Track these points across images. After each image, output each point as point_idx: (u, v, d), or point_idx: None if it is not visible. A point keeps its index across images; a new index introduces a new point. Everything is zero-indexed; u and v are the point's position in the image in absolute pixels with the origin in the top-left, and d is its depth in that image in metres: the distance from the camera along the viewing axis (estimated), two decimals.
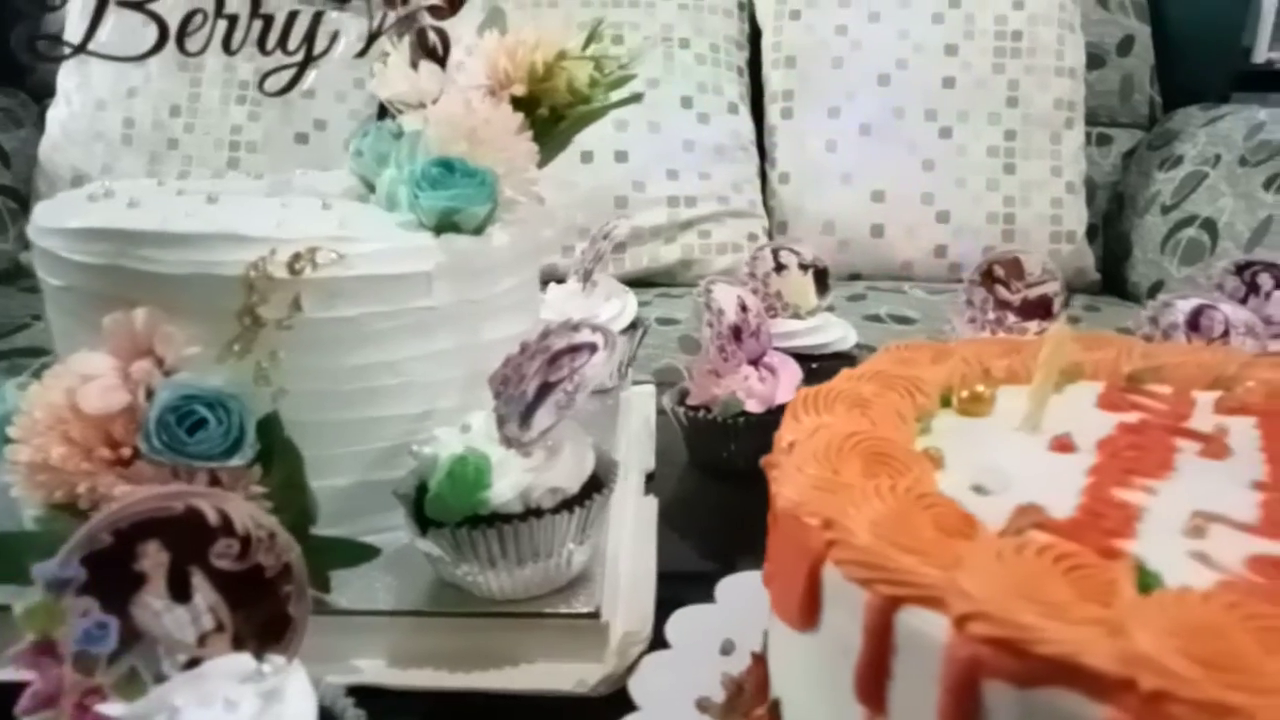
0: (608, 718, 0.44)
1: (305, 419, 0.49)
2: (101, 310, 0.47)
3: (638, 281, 1.49)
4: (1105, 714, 0.23)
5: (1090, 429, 0.38)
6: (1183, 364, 0.45)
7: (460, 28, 0.59)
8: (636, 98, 0.61)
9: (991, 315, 0.82)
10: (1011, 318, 0.82)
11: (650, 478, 0.71)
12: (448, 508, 0.45)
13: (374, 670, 0.47)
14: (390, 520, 0.50)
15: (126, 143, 1.49)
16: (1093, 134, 1.75)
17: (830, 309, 0.86)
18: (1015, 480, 0.34)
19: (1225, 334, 0.70)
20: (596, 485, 0.49)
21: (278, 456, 0.48)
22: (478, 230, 0.53)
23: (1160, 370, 0.45)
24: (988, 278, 0.82)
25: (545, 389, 0.47)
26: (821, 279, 0.85)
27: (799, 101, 1.65)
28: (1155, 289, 1.52)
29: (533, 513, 0.46)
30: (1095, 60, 1.74)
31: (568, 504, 0.47)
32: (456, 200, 0.51)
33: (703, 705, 0.44)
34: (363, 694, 0.46)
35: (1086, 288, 1.61)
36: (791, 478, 0.33)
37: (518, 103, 0.59)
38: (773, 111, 1.67)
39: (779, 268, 0.84)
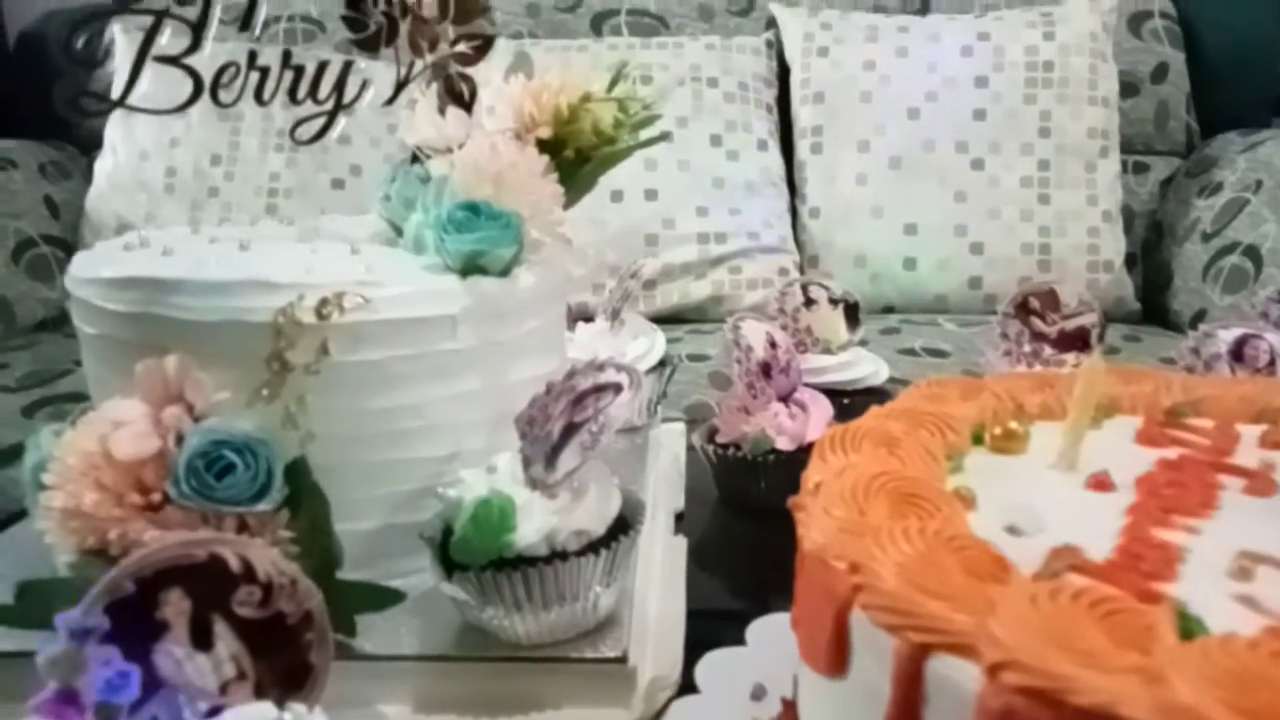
0: None
1: (332, 462, 0.50)
2: (134, 358, 0.47)
3: (668, 318, 1.49)
4: None
5: (1128, 466, 0.37)
6: (1224, 396, 0.44)
7: (487, 72, 0.60)
8: (664, 136, 0.61)
9: (1028, 348, 0.80)
10: (1048, 350, 0.80)
11: (680, 517, 0.71)
12: (472, 550, 0.45)
13: (399, 716, 0.47)
14: (416, 563, 0.50)
15: (169, 191, 1.54)
16: (1129, 162, 1.73)
17: (862, 343, 0.85)
18: (1050, 521, 0.33)
19: (1271, 364, 0.68)
20: (623, 526, 0.49)
21: (305, 500, 0.48)
22: (503, 272, 0.53)
23: (1201, 404, 0.44)
24: (1023, 310, 0.81)
25: (570, 430, 0.47)
26: (852, 313, 0.84)
27: (828, 136, 1.66)
28: (1198, 318, 1.49)
29: (558, 555, 0.45)
30: (1129, 88, 1.72)
31: (594, 546, 0.46)
32: (482, 243, 0.51)
33: None
34: None
35: (1126, 317, 1.58)
36: (818, 520, 0.33)
37: (544, 145, 0.60)
38: (802, 147, 1.68)
39: (809, 302, 0.83)
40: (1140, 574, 0.29)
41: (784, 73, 1.73)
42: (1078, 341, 0.80)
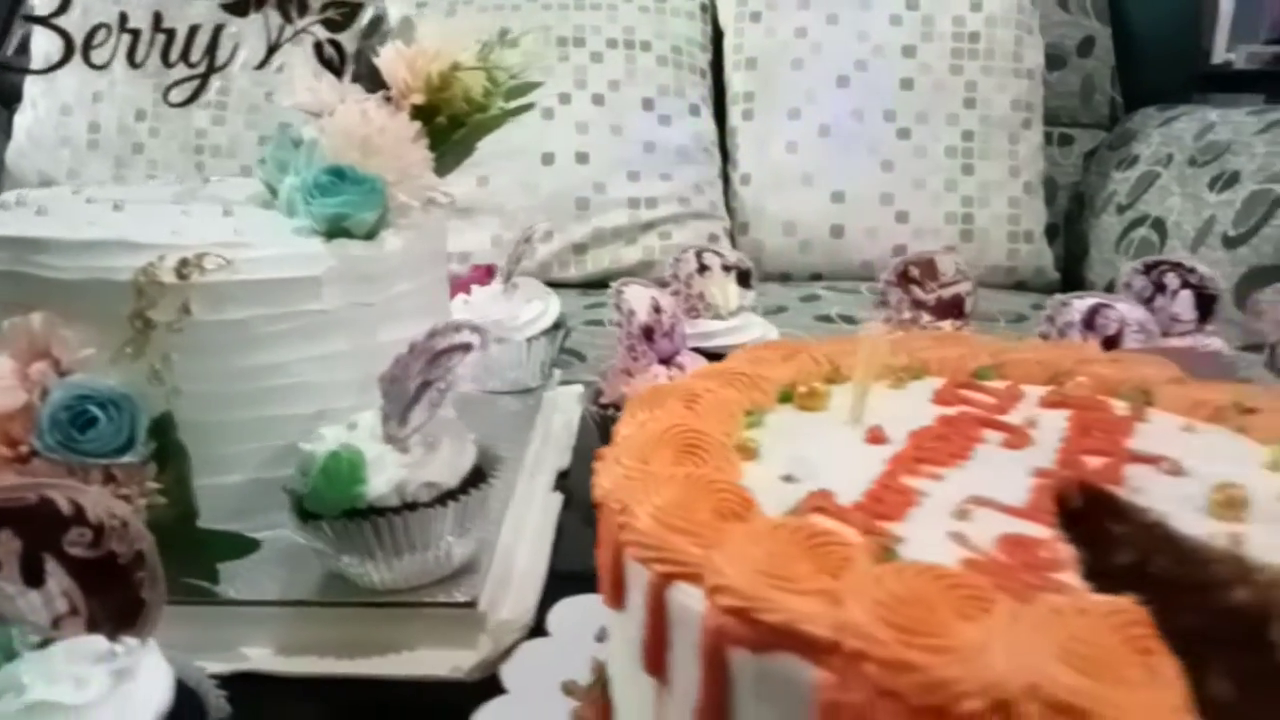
0: (481, 703, 0.46)
1: (200, 419, 0.52)
2: (3, 315, 0.49)
3: (598, 282, 1.51)
4: (818, 676, 0.25)
5: (909, 421, 0.40)
6: (1024, 361, 0.47)
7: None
8: (530, 106, 0.63)
9: (907, 315, 0.84)
10: (926, 317, 0.84)
11: (565, 475, 0.74)
12: (324, 501, 0.47)
13: (261, 659, 0.49)
14: (286, 517, 0.52)
15: (93, 148, 1.52)
16: (1054, 134, 1.77)
17: (752, 309, 0.88)
18: (823, 470, 0.36)
19: (1119, 332, 0.72)
20: (479, 480, 0.52)
21: (170, 455, 0.50)
22: (369, 235, 0.55)
23: (1003, 367, 0.47)
24: (903, 278, 0.84)
25: (424, 387, 0.50)
26: (744, 280, 0.87)
27: (760, 103, 1.67)
28: (1110, 288, 1.54)
29: (408, 506, 0.48)
30: (1056, 61, 1.76)
31: (445, 497, 0.49)
32: (345, 206, 0.53)
33: (569, 689, 0.46)
34: (251, 681, 0.48)
35: (1045, 287, 1.63)
36: (608, 469, 0.36)
37: (420, 111, 0.61)
38: (734, 113, 1.69)
39: (702, 269, 0.86)
40: (873, 514, 0.32)
41: (718, 37, 1.74)
42: (954, 309, 0.84)
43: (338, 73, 0.58)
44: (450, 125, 0.61)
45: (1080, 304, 0.72)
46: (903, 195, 1.61)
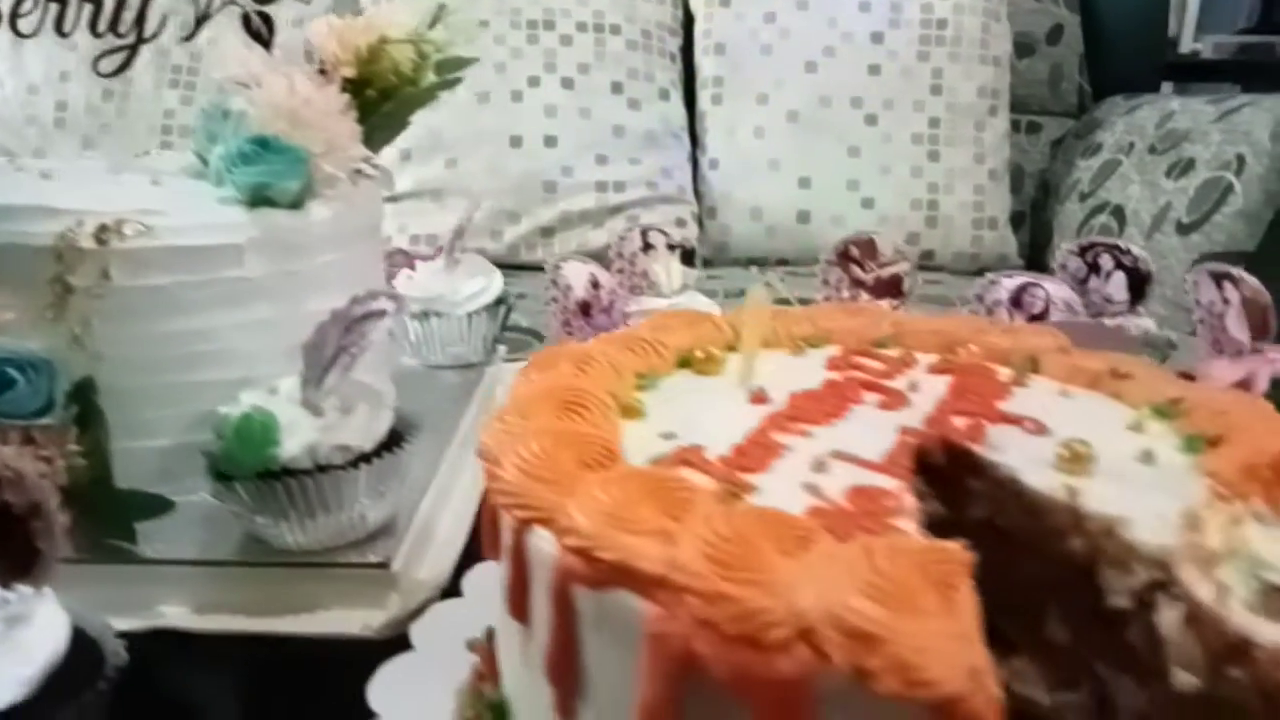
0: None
1: (123, 383, 0.53)
2: None
3: None
4: (649, 609, 0.26)
5: (795, 384, 0.42)
6: (922, 331, 0.49)
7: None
8: (458, 81, 0.64)
9: (846, 294, 0.85)
10: (865, 296, 0.85)
11: None
12: (238, 462, 0.48)
13: (178, 617, 0.50)
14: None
15: (60, 126, 1.52)
16: (1022, 122, 1.78)
17: (695, 288, 0.89)
18: (702, 428, 0.38)
19: (1046, 311, 0.74)
20: (397, 445, 0.53)
21: (90, 418, 0.51)
22: (295, 205, 0.56)
23: (902, 336, 0.49)
24: (844, 258, 0.86)
25: (340, 353, 0.51)
26: (688, 259, 0.88)
27: (729, 88, 1.68)
28: None
29: (321, 468, 0.49)
30: (1025, 49, 1.77)
31: (358, 460, 0.50)
32: (266, 175, 0.54)
33: (472, 645, 0.47)
34: (169, 639, 0.49)
35: None
36: (492, 425, 0.37)
37: (351, 85, 0.62)
38: (704, 98, 1.70)
39: (646, 247, 0.87)
40: (736, 466, 0.34)
41: (689, 22, 1.75)
42: (892, 288, 0.85)
43: (265, 44, 0.59)
44: (380, 98, 0.61)
45: (1008, 282, 0.73)
46: (869, 181, 1.62)
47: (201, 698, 0.48)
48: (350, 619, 0.50)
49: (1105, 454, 0.35)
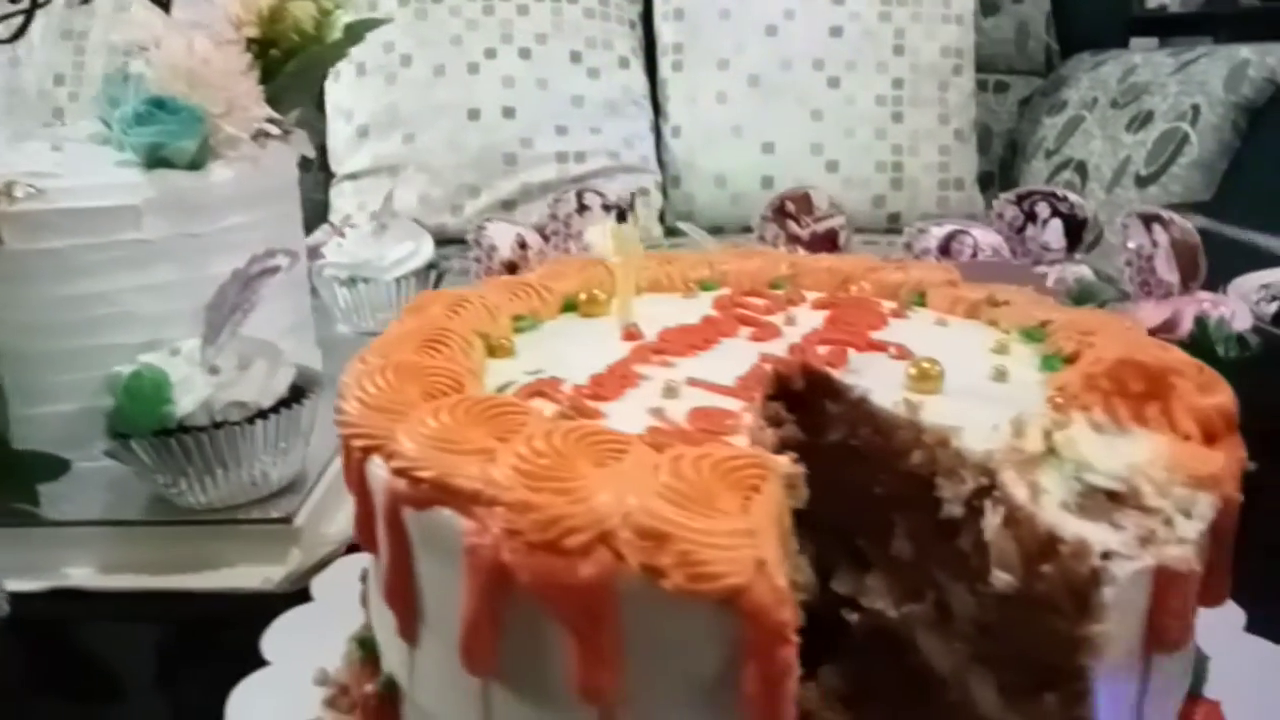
0: None
1: (24, 347, 0.53)
2: None
3: None
4: (468, 525, 0.27)
5: (672, 321, 0.42)
6: (818, 270, 0.49)
7: None
8: (359, 38, 0.63)
9: (783, 250, 0.85)
10: (801, 251, 0.85)
11: None
12: (131, 420, 0.48)
13: (84, 578, 0.51)
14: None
15: (10, 112, 1.50)
16: (990, 81, 1.77)
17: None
18: (569, 364, 0.37)
19: (974, 257, 0.74)
20: (297, 401, 0.53)
21: None
22: (193, 166, 0.56)
23: (798, 277, 0.49)
24: (779, 214, 0.85)
25: (235, 310, 0.51)
26: (623, 219, 0.87)
27: (689, 54, 1.66)
28: None
29: (216, 425, 0.49)
30: (990, 7, 1.75)
31: (255, 417, 0.50)
32: (161, 136, 0.53)
33: (363, 596, 0.47)
34: (74, 598, 0.50)
35: None
36: (353, 364, 0.37)
37: (259, 45, 0.61)
38: (664, 65, 1.68)
39: (582, 209, 0.87)
40: (590, 395, 0.34)
41: None
42: (828, 243, 0.85)
43: (164, 6, 0.58)
44: (285, 58, 0.61)
45: (937, 230, 0.73)
46: (832, 145, 1.61)
47: (106, 655, 0.49)
48: (252, 574, 0.50)
49: (959, 373, 0.35)
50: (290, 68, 0.60)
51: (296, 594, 0.49)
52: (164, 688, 0.47)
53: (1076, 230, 0.84)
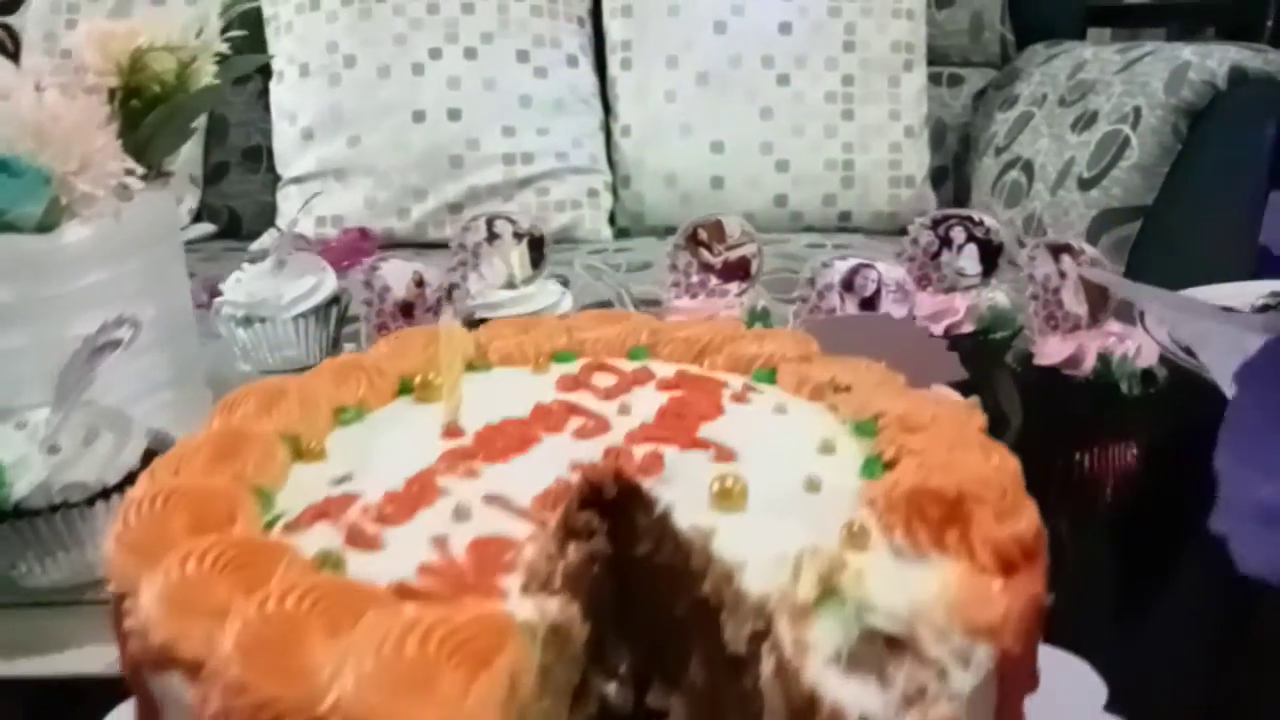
0: None
1: None
2: None
3: None
4: (194, 694, 0.25)
5: (499, 413, 0.40)
6: (676, 339, 0.47)
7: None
8: (216, 89, 0.61)
9: (695, 278, 0.83)
10: (714, 280, 0.83)
11: None
12: None
13: None
14: None
15: None
16: (944, 75, 1.74)
17: (547, 277, 0.86)
18: (376, 470, 0.36)
19: (878, 292, 0.72)
20: None
21: None
22: (46, 228, 0.54)
23: (657, 346, 0.47)
24: (692, 241, 0.84)
25: (80, 382, 0.49)
26: (537, 246, 0.85)
27: (637, 51, 1.64)
28: None
29: (54, 507, 0.48)
30: None
31: (96, 497, 0.49)
32: (2, 201, 0.51)
33: None
34: None
35: None
36: (141, 479, 0.35)
37: (124, 94, 0.59)
38: (613, 62, 1.65)
39: (492, 237, 0.85)
40: (377, 518, 0.32)
41: None
42: (740, 271, 0.83)
43: (12, 56, 0.56)
44: (148, 107, 0.58)
45: (841, 265, 0.72)
46: (782, 143, 1.59)
47: None
48: (94, 657, 0.48)
49: (770, 483, 0.34)
50: (154, 118, 0.58)
51: None
52: None
53: (992, 255, 0.83)
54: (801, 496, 0.34)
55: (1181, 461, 0.68)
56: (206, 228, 1.67)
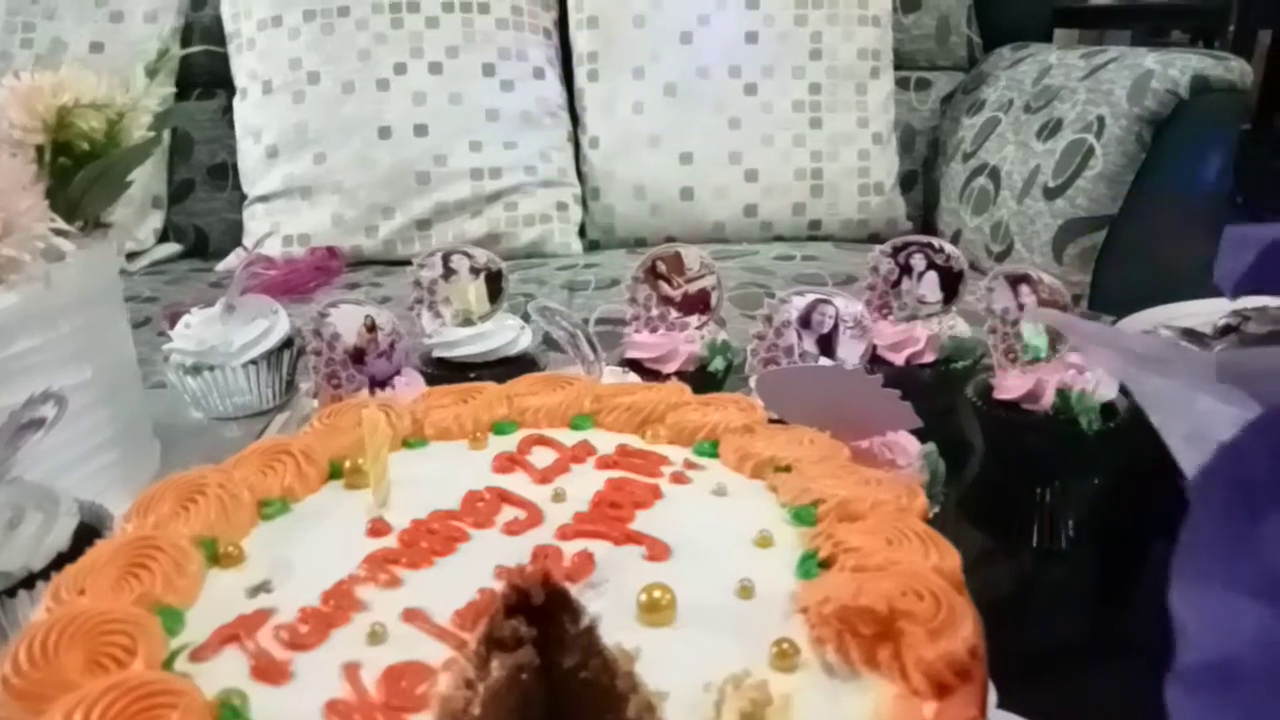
0: None
1: None
2: None
3: None
4: None
5: (430, 504, 0.39)
6: (618, 407, 0.46)
7: None
8: (156, 141, 0.59)
9: (655, 311, 0.82)
10: (674, 313, 0.82)
11: None
12: None
13: None
14: None
15: None
16: (911, 79, 1.73)
17: (507, 311, 0.85)
18: (296, 575, 0.35)
19: (835, 328, 0.71)
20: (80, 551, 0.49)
21: None
22: None
23: (599, 414, 0.46)
24: (651, 274, 0.82)
25: (3, 462, 0.47)
26: (495, 281, 0.84)
27: (604, 63, 1.62)
28: (956, 238, 1.54)
29: None
30: (911, 3, 1.72)
31: (18, 587, 0.47)
32: None
33: None
34: None
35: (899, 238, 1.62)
36: (43, 602, 0.33)
37: (53, 151, 0.57)
38: (580, 74, 1.63)
39: (448, 274, 0.83)
40: (285, 642, 0.31)
41: None
42: (699, 304, 0.82)
43: None
44: (79, 162, 0.56)
45: (799, 301, 0.71)
46: (751, 153, 1.58)
47: None
48: None
49: (701, 588, 0.33)
50: (85, 175, 0.56)
51: None
52: None
53: (952, 283, 0.82)
54: (733, 604, 0.33)
55: (1141, 498, 0.67)
56: (172, 248, 1.64)
